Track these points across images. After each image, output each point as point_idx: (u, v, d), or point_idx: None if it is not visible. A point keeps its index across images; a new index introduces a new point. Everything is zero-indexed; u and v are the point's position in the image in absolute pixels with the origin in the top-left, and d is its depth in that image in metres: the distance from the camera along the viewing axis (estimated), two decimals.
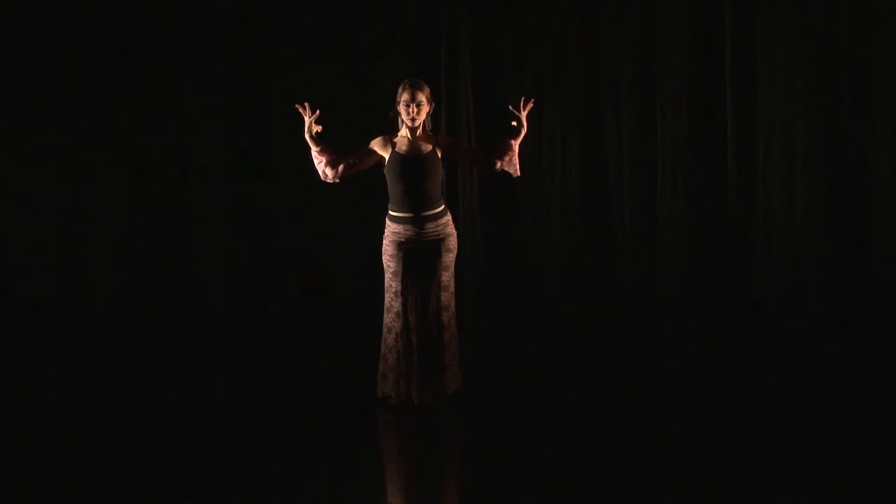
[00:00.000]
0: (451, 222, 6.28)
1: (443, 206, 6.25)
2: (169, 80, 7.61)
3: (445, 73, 7.58)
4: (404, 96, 6.15)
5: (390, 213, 6.25)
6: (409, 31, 7.61)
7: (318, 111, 6.19)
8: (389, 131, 6.26)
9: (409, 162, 6.17)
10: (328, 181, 6.28)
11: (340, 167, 6.23)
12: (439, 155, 6.22)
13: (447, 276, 6.23)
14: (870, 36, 7.24)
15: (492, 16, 7.61)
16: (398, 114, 6.19)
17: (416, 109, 6.13)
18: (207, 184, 7.70)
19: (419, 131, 6.20)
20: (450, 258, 6.24)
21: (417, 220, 6.18)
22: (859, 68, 7.26)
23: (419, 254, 6.19)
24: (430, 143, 6.22)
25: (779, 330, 7.25)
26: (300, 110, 6.20)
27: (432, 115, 6.27)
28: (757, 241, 7.39)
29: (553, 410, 6.16)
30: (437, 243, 6.21)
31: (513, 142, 6.22)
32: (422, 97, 6.15)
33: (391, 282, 6.22)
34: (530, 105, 6.23)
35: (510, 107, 6.24)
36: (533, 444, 5.57)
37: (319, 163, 6.25)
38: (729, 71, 7.36)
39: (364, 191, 7.17)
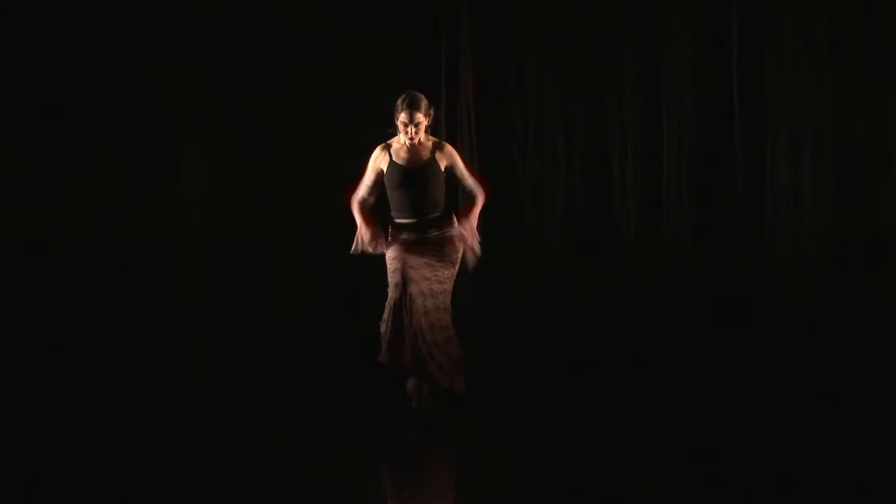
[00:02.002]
0: (454, 224, 6.26)
1: (445, 209, 6.24)
2: (167, 83, 7.61)
3: (445, 73, 7.57)
4: (402, 117, 6.12)
5: (394, 219, 6.24)
6: (410, 31, 7.60)
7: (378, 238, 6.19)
8: (386, 138, 6.24)
9: (409, 171, 6.16)
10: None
11: (370, 201, 6.26)
12: (440, 163, 6.19)
13: (449, 277, 6.21)
14: (878, 33, 7.21)
15: (492, 16, 7.60)
16: (397, 128, 6.16)
17: (413, 129, 6.11)
18: (207, 184, 7.69)
19: (418, 143, 6.19)
20: (453, 260, 6.23)
21: (421, 224, 6.18)
22: (868, 67, 7.23)
23: (422, 255, 6.18)
24: (429, 149, 6.20)
25: (785, 330, 7.24)
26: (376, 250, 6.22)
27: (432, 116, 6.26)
28: (765, 241, 7.36)
29: (554, 411, 6.16)
30: (441, 245, 6.20)
31: (475, 209, 6.21)
32: (419, 116, 6.11)
33: (393, 275, 6.18)
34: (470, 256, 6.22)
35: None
36: (533, 445, 5.57)
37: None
38: (736, 70, 7.34)
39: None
